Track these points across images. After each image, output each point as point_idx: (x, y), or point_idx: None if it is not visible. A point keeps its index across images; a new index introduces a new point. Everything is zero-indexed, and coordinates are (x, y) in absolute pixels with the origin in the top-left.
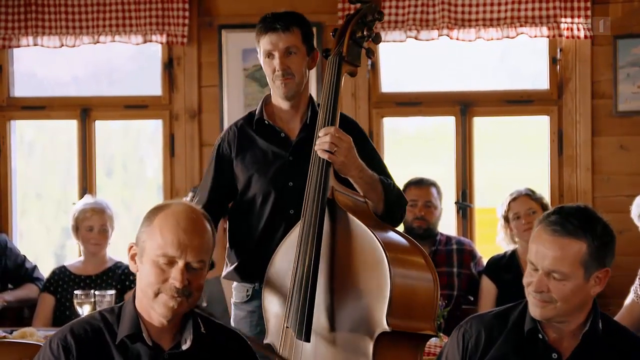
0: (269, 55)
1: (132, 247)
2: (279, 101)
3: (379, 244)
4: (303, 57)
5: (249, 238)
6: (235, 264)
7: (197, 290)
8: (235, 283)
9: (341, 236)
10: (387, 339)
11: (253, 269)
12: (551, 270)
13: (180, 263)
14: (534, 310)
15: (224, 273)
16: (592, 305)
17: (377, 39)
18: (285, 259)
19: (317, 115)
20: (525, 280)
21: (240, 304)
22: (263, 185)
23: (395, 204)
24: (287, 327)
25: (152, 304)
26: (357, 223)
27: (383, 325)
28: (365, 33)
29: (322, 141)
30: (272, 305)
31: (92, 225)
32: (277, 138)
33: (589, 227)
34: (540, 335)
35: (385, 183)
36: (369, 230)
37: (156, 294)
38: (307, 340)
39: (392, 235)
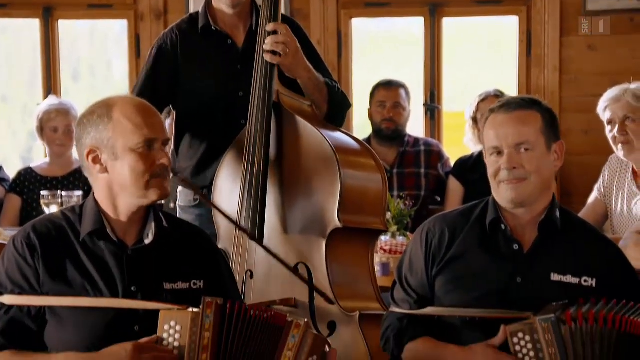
0: None
1: (90, 151)
2: (223, 7)
3: (327, 143)
4: None
5: (198, 146)
6: (183, 171)
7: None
8: (180, 187)
9: (289, 138)
10: (339, 235)
11: (201, 177)
12: (518, 142)
13: (159, 143)
14: (509, 194)
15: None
16: (551, 197)
17: None
18: (234, 164)
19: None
20: (491, 170)
21: (187, 208)
22: (212, 94)
23: (339, 106)
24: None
25: (146, 194)
26: (305, 124)
27: (335, 221)
28: None
29: (274, 41)
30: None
31: (57, 126)
32: (225, 45)
33: (535, 102)
34: (502, 226)
35: (330, 85)
36: (317, 131)
37: (148, 182)
38: (260, 242)
39: (339, 134)
